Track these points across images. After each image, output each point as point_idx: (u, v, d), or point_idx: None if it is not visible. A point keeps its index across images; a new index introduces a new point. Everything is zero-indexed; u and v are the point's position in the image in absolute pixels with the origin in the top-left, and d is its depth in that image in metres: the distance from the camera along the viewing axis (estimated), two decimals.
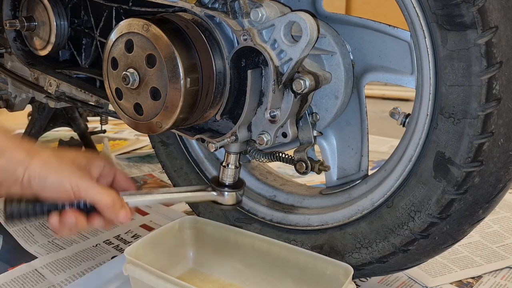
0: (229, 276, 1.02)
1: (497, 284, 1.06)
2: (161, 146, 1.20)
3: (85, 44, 1.12)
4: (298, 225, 1.00)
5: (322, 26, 0.90)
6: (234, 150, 0.93)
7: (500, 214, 1.35)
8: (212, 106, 0.87)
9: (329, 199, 1.00)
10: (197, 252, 1.06)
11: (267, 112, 0.85)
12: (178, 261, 1.04)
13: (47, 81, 1.13)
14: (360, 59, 0.92)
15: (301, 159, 0.94)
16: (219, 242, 1.03)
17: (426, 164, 0.81)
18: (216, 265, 1.04)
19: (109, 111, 1.13)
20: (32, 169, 0.77)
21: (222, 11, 0.84)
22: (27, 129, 1.53)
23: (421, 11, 0.75)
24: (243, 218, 1.08)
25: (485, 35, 0.70)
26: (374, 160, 1.78)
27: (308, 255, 0.93)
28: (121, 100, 0.88)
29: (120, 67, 0.86)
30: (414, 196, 0.83)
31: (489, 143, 0.75)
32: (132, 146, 2.06)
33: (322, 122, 0.95)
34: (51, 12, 1.12)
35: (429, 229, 0.83)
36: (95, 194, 0.80)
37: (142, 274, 0.88)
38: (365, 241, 0.91)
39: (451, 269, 1.10)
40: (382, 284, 1.05)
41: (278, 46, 0.81)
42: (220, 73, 0.85)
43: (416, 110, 0.83)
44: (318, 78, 0.86)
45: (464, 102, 0.74)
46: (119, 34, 0.85)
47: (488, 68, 0.71)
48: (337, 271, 0.89)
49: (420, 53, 0.79)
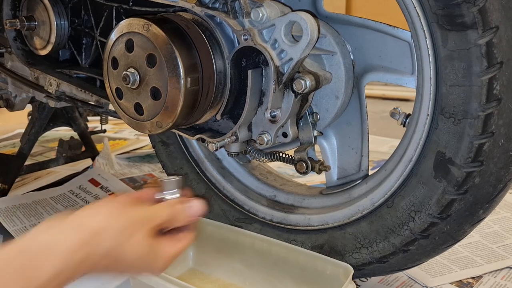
0: (229, 276, 1.02)
1: (497, 284, 1.06)
2: (161, 146, 1.20)
3: (86, 44, 1.12)
4: (298, 225, 1.00)
5: (322, 26, 0.90)
6: (234, 150, 0.93)
7: (500, 214, 1.35)
8: (213, 106, 0.87)
9: (329, 199, 1.00)
10: (197, 252, 1.06)
11: (268, 112, 0.85)
12: (178, 261, 1.02)
13: (47, 81, 1.13)
14: (360, 59, 0.92)
15: (301, 159, 0.94)
16: (219, 242, 1.03)
17: (426, 164, 0.81)
18: (216, 264, 1.04)
19: (109, 110, 1.13)
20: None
21: (223, 11, 0.84)
22: (27, 129, 1.53)
23: (421, 11, 0.75)
24: (243, 218, 1.08)
25: (486, 35, 0.70)
26: (375, 160, 1.78)
27: (308, 255, 0.93)
28: (121, 100, 0.88)
29: (120, 67, 0.86)
30: (414, 196, 0.83)
31: (489, 143, 0.74)
32: (132, 146, 2.06)
33: (323, 122, 0.95)
34: (51, 12, 1.12)
35: (429, 229, 0.83)
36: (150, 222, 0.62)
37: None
38: (365, 241, 0.91)
39: (451, 269, 1.10)
40: (382, 284, 1.05)
41: (279, 46, 0.81)
42: (221, 73, 0.85)
43: (417, 110, 0.83)
44: (319, 78, 0.86)
45: (465, 102, 0.74)
46: (119, 34, 0.85)
47: (488, 68, 0.71)
48: (337, 271, 0.89)
49: (420, 53, 0.79)
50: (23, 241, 0.54)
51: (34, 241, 0.54)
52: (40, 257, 0.52)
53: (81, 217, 0.58)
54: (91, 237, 0.55)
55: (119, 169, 1.76)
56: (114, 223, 0.58)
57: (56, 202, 1.44)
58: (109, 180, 1.57)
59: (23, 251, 0.52)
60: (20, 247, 0.53)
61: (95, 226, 0.56)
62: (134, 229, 0.59)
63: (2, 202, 1.38)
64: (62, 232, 0.55)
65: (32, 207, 1.39)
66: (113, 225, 0.58)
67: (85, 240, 0.55)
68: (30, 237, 0.55)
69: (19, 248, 0.52)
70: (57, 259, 0.52)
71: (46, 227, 0.57)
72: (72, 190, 1.52)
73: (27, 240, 0.54)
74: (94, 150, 1.75)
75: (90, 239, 0.55)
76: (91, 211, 0.60)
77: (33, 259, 0.52)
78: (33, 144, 1.52)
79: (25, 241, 0.54)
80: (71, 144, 1.70)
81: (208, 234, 1.04)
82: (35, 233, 0.55)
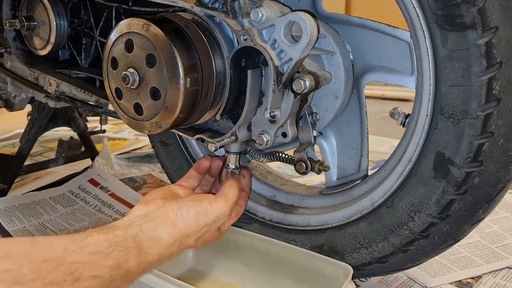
0: (228, 276, 1.02)
1: (497, 284, 1.06)
2: (160, 146, 1.20)
3: (85, 44, 1.12)
4: (298, 225, 1.00)
5: (322, 26, 0.90)
6: (234, 150, 0.93)
7: (500, 214, 1.35)
8: (212, 106, 0.87)
9: (329, 199, 1.00)
10: (197, 252, 1.06)
11: (267, 112, 0.85)
12: (177, 261, 1.04)
13: (47, 81, 1.13)
14: (360, 59, 0.92)
15: (301, 159, 0.94)
16: (219, 242, 1.02)
17: (426, 164, 0.81)
18: (216, 264, 1.04)
19: (108, 111, 1.13)
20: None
21: (222, 11, 0.84)
22: (27, 129, 1.53)
23: (421, 12, 0.75)
24: (242, 218, 1.08)
25: (485, 36, 0.70)
26: (374, 160, 1.78)
27: (307, 255, 0.93)
28: (121, 100, 0.88)
29: (120, 67, 0.86)
30: (414, 196, 0.83)
31: (489, 144, 0.74)
32: (132, 146, 2.06)
33: (322, 122, 0.95)
34: (51, 12, 1.12)
35: (429, 229, 0.83)
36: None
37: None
38: (365, 241, 0.91)
39: (451, 269, 1.10)
40: (382, 284, 1.05)
41: (278, 46, 0.81)
42: (220, 73, 0.85)
43: (416, 110, 0.83)
44: (318, 78, 0.86)
45: (464, 102, 0.74)
46: (119, 34, 0.85)
47: (488, 69, 0.71)
48: (337, 271, 0.89)
49: (420, 53, 0.79)
50: (132, 229, 0.71)
51: (142, 231, 0.72)
52: (149, 244, 0.71)
53: (174, 215, 0.78)
54: (182, 238, 0.77)
55: (118, 169, 1.76)
56: (195, 228, 0.79)
57: (56, 202, 1.44)
58: (109, 180, 1.57)
59: (135, 236, 0.70)
60: (133, 232, 0.70)
61: (183, 231, 0.77)
62: (210, 228, 0.83)
63: (2, 202, 1.38)
64: (162, 229, 0.75)
65: (31, 207, 1.39)
66: (195, 229, 0.79)
67: (178, 239, 0.76)
68: (137, 223, 0.73)
69: (132, 233, 0.70)
70: (160, 249, 0.73)
71: (145, 216, 0.76)
72: (72, 190, 1.52)
73: (135, 228, 0.71)
74: (94, 150, 1.75)
75: (181, 239, 0.77)
76: (177, 215, 0.78)
77: (144, 246, 0.70)
78: (32, 144, 1.52)
79: (133, 228, 0.71)
80: (70, 144, 1.70)
81: None
82: (139, 221, 0.74)
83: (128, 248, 0.68)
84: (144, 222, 0.74)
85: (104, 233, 0.67)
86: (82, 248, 0.63)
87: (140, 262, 0.69)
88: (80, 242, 0.64)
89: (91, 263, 0.62)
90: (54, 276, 0.58)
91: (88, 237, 0.65)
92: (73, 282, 0.59)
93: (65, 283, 0.58)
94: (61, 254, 0.61)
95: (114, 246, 0.66)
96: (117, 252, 0.66)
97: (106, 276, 0.63)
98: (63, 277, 0.59)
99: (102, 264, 0.63)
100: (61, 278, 0.58)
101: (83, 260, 0.62)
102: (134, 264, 0.67)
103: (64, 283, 0.58)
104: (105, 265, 0.64)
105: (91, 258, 0.63)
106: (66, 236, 0.65)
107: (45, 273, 0.57)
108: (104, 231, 0.68)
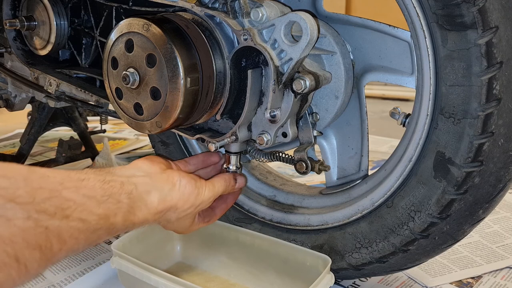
0: (214, 269, 1.05)
1: (497, 284, 1.06)
2: (161, 146, 1.20)
3: (85, 44, 1.12)
4: (298, 225, 1.01)
5: (322, 26, 0.90)
6: (234, 150, 0.93)
7: (500, 214, 1.35)
8: (212, 106, 0.87)
9: (329, 199, 1.00)
10: (184, 246, 1.09)
11: (267, 112, 0.85)
12: (165, 254, 1.07)
13: (47, 81, 1.13)
14: (360, 59, 0.92)
15: (301, 159, 0.94)
16: (205, 236, 1.06)
17: (426, 164, 0.81)
18: (202, 258, 1.06)
19: (109, 110, 1.13)
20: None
21: (222, 10, 0.84)
22: (27, 129, 1.53)
23: (421, 11, 0.75)
24: (243, 218, 1.08)
25: (486, 35, 0.70)
26: (374, 160, 1.78)
27: (288, 247, 0.96)
28: (121, 100, 0.88)
29: (120, 67, 0.86)
30: (414, 196, 0.83)
31: (489, 143, 0.74)
32: (132, 146, 2.06)
33: (322, 122, 0.95)
34: (51, 12, 1.12)
35: (429, 229, 0.83)
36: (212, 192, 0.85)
37: (129, 267, 0.90)
38: (365, 241, 0.91)
39: (451, 269, 1.10)
40: (382, 284, 1.05)
41: (278, 46, 0.81)
42: (220, 73, 0.85)
43: (416, 110, 0.83)
44: (318, 78, 0.86)
45: (464, 102, 0.74)
46: (119, 34, 0.85)
47: (488, 68, 0.71)
48: (316, 262, 0.92)
49: (420, 53, 0.79)
50: (129, 185, 0.72)
51: (137, 190, 0.73)
52: (139, 205, 0.72)
53: (173, 183, 0.79)
54: (169, 208, 0.78)
55: None
56: (185, 204, 0.79)
57: None
58: None
59: (129, 193, 0.71)
60: (128, 189, 0.71)
61: (174, 203, 0.78)
62: (193, 211, 0.82)
63: None
64: (156, 193, 0.75)
65: None
66: (184, 206, 0.79)
67: (166, 208, 0.77)
68: (135, 179, 0.74)
69: (128, 190, 0.71)
70: (147, 213, 0.74)
71: (147, 174, 0.77)
72: None
73: (131, 185, 0.72)
74: (94, 150, 1.75)
75: (168, 209, 0.78)
76: (175, 185, 0.79)
77: (134, 206, 0.71)
78: (33, 144, 1.52)
79: (130, 185, 0.72)
80: (71, 144, 1.70)
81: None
82: (139, 177, 0.75)
83: (120, 203, 0.69)
84: (143, 180, 0.75)
85: (101, 180, 0.68)
86: (77, 188, 0.63)
87: (125, 219, 0.69)
88: (77, 182, 0.64)
89: (82, 206, 0.62)
90: (47, 206, 0.58)
91: (85, 180, 0.65)
92: (62, 218, 0.59)
93: (55, 217, 0.58)
94: (57, 187, 0.60)
95: (107, 196, 0.67)
96: (109, 204, 0.66)
97: (93, 223, 0.63)
98: (54, 210, 0.58)
99: (92, 210, 0.63)
100: (53, 210, 0.58)
101: (76, 200, 0.62)
102: (120, 220, 0.68)
103: (55, 216, 0.58)
104: (95, 213, 0.64)
105: (84, 200, 0.63)
106: (63, 172, 0.64)
107: (39, 200, 0.57)
108: (101, 176, 0.69)
